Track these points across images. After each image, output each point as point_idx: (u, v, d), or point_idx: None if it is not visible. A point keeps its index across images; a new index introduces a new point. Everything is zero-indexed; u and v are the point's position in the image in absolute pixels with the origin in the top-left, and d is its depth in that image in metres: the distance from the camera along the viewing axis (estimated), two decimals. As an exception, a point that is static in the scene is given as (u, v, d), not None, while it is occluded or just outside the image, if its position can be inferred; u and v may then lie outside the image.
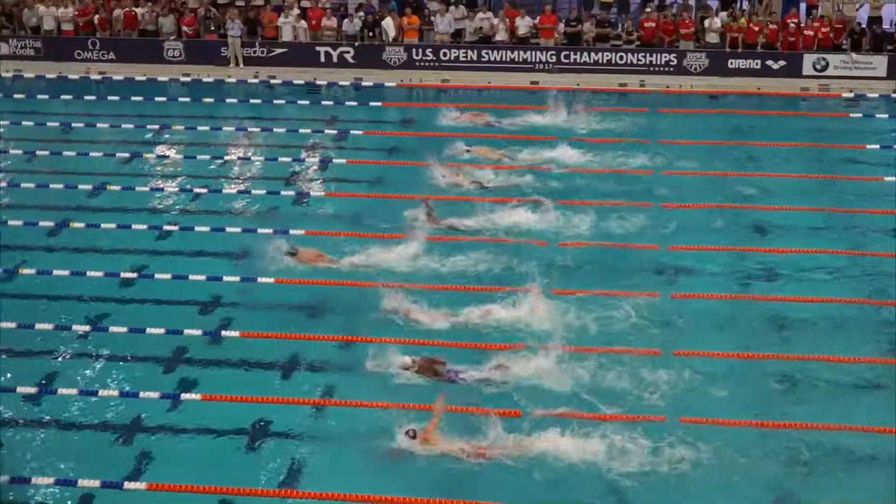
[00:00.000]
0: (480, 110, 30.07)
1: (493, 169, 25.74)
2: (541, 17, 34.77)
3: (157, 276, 20.96)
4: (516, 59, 34.24)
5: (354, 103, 31.75)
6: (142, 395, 17.11)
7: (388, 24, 34.71)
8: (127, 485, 14.97)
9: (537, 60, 34.20)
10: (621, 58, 34.15)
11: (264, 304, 20.07)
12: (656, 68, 34.02)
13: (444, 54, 34.33)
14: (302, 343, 18.57)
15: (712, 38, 34.45)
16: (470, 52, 34.30)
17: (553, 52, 34.18)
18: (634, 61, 34.16)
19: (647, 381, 17.18)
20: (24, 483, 15.06)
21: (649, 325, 18.94)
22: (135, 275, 21.04)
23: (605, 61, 34.19)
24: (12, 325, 19.24)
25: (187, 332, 18.92)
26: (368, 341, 18.20)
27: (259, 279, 20.78)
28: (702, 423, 16.18)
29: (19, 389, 17.30)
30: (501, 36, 34.68)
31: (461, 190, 24.95)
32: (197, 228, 22.93)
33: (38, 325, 19.16)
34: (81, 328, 19.14)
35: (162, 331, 18.93)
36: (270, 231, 22.83)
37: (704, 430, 15.99)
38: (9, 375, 17.79)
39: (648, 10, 35.46)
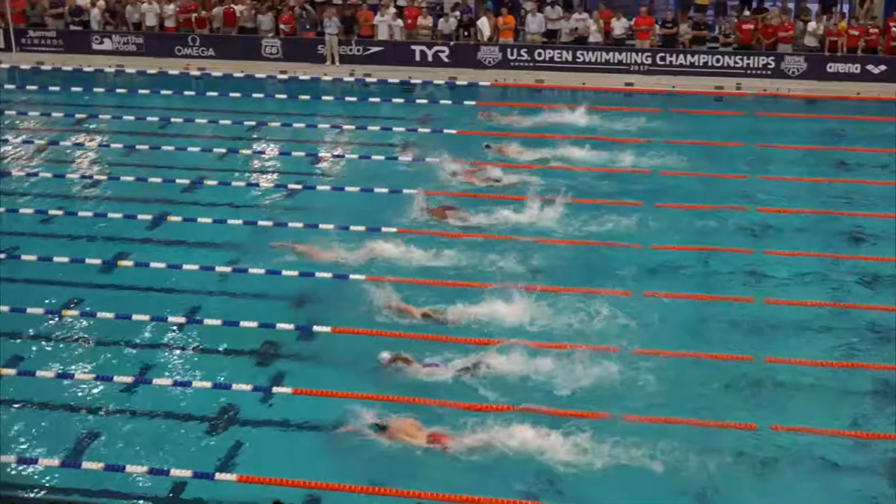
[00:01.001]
0: (508, 109, 30.47)
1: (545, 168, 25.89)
2: (636, 18, 34.59)
3: (251, 270, 21.23)
4: (611, 61, 34.10)
5: (448, 102, 31.83)
6: (234, 386, 17.35)
7: (484, 23, 34.77)
8: (218, 475, 15.20)
9: (632, 62, 34.04)
10: (718, 60, 33.83)
11: (354, 299, 20.29)
12: (753, 71, 33.65)
13: (539, 54, 34.31)
14: (389, 340, 18.70)
15: (811, 41, 34.00)
16: (565, 53, 34.23)
17: (648, 54, 33.98)
18: (731, 64, 33.81)
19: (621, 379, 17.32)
20: (118, 471, 15.38)
21: (739, 330, 18.86)
22: (229, 269, 21.35)
23: (700, 63, 33.90)
24: (110, 315, 19.67)
25: (280, 325, 19.17)
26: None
27: (350, 276, 20.98)
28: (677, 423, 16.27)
29: (116, 378, 17.67)
30: (596, 37, 34.55)
31: (473, 187, 25.20)
32: (290, 225, 23.18)
33: (136, 316, 19.55)
34: (177, 319, 19.49)
35: (255, 324, 19.21)
36: (363, 228, 23.06)
37: (677, 430, 16.06)
38: (106, 365, 18.18)
39: (746, 12, 35.11)
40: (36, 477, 15.38)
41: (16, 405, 17.09)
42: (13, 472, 15.47)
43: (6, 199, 24.93)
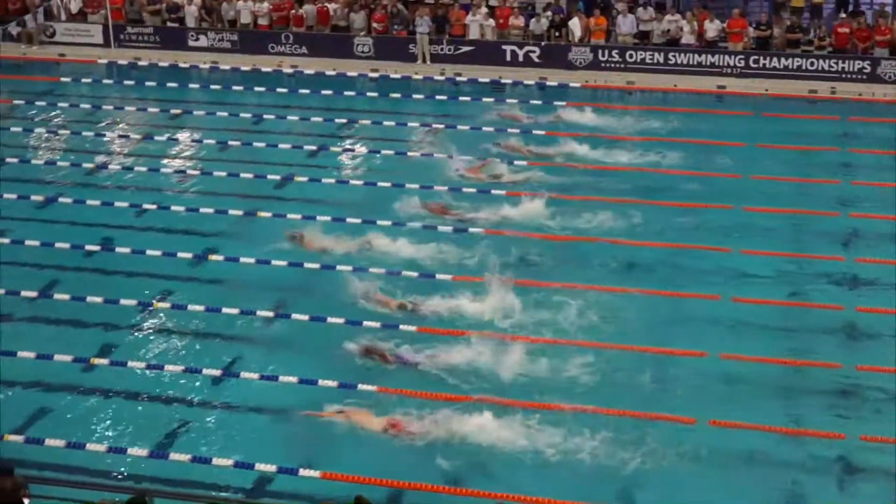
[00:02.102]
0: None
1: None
2: (729, 20, 34.22)
3: (338, 267, 21.42)
4: (703, 63, 33.76)
5: (538, 102, 31.77)
6: (320, 382, 17.55)
7: (575, 24, 34.66)
8: (302, 471, 15.39)
9: (725, 64, 33.67)
10: (812, 63, 33.35)
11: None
12: (849, 75, 33.11)
13: (630, 56, 34.11)
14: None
15: (909, 45, 33.42)
16: (656, 55, 33.99)
17: (741, 57, 33.62)
18: (826, 68, 33.31)
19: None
20: (205, 463, 15.63)
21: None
22: (317, 266, 21.55)
23: (794, 67, 33.44)
24: (200, 308, 19.99)
25: (366, 323, 19.32)
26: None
27: (437, 276, 21.09)
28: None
29: (205, 371, 17.96)
30: (689, 39, 34.28)
31: (474, 182, 25.55)
32: (379, 223, 23.34)
33: (225, 310, 19.85)
34: (265, 314, 19.74)
35: (341, 321, 19.38)
36: (450, 229, 23.17)
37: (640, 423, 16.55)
38: (196, 357, 18.48)
39: (842, 15, 34.60)
40: (124, 467, 15.71)
41: (108, 395, 17.46)
42: (104, 462, 15.82)
43: (103, 193, 25.43)
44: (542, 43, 34.79)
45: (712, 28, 34.17)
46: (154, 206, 24.46)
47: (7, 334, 19.38)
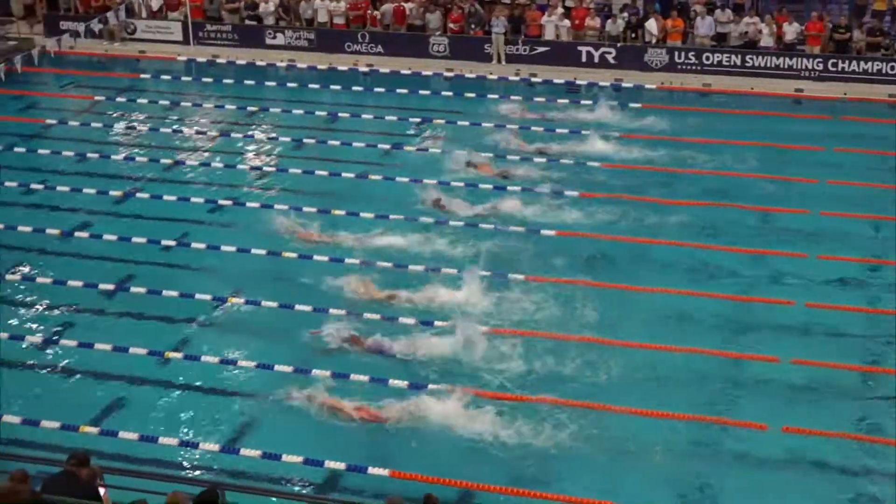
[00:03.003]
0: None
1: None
2: (808, 23, 33.82)
3: (410, 267, 21.52)
4: (781, 66, 33.40)
5: (614, 104, 31.66)
6: (390, 382, 17.65)
7: (652, 25, 34.46)
8: (371, 469, 15.50)
9: (803, 67, 33.29)
10: (893, 68, 32.83)
11: (517, 300, 20.48)
12: (931, 79, 32.61)
13: (707, 58, 33.82)
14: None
15: None
16: (734, 57, 33.67)
17: (820, 60, 33.21)
18: (907, 71, 32.84)
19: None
20: (274, 459, 15.80)
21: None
22: (390, 265, 21.66)
23: (875, 70, 32.95)
24: (274, 304, 20.19)
25: (437, 323, 19.40)
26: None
27: (510, 276, 21.13)
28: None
29: (276, 368, 18.13)
30: (767, 41, 33.92)
31: (482, 178, 25.90)
32: (451, 223, 23.41)
33: (298, 307, 20.02)
34: (337, 312, 19.87)
35: (413, 321, 19.48)
36: (523, 230, 23.19)
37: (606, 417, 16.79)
38: (268, 353, 18.67)
39: (926, 18, 34.11)
40: (196, 460, 15.93)
41: (182, 389, 17.70)
42: (176, 455, 16.05)
43: (179, 188, 25.76)
44: (618, 44, 34.63)
45: (791, 30, 33.79)
46: (229, 203, 24.72)
47: (84, 326, 19.72)
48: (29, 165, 27.59)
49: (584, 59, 34.55)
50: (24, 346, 19.11)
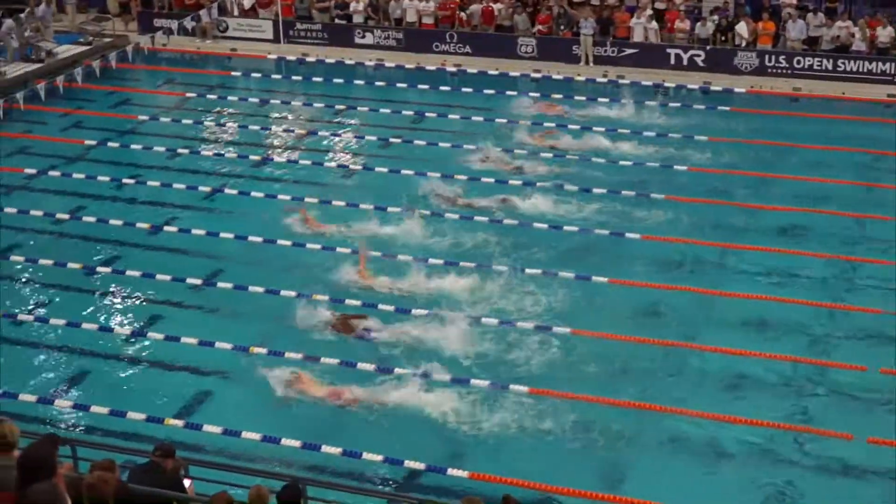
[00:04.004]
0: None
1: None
2: (904, 27, 33.29)
3: (494, 266, 21.56)
4: (874, 70, 32.87)
5: (702, 107, 31.42)
6: (472, 382, 17.71)
7: (742, 28, 34.10)
8: (450, 470, 15.57)
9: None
10: None
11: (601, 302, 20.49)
12: None
13: (798, 62, 33.40)
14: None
15: None
16: (825, 61, 33.22)
17: (914, 64, 32.69)
18: None
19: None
20: (355, 457, 15.93)
21: None
22: (473, 265, 21.72)
23: (972, 75, 32.36)
24: (357, 302, 20.35)
25: (519, 324, 19.44)
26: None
27: (593, 278, 21.09)
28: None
29: (359, 366, 18.26)
30: (859, 45, 33.41)
31: (495, 172, 26.29)
32: (535, 225, 23.42)
33: (381, 306, 20.15)
34: (419, 312, 19.96)
35: (495, 321, 19.53)
36: (606, 232, 23.13)
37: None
38: (353, 352, 18.79)
39: None
40: (279, 455, 16.11)
41: (265, 385, 17.85)
42: (258, 450, 16.26)
43: (265, 185, 26.04)
44: (708, 47, 34.33)
45: (884, 34, 33.23)
46: (315, 200, 24.91)
47: (172, 320, 20.04)
48: (121, 160, 28.13)
49: (672, 61, 34.30)
50: (113, 337, 19.47)
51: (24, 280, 21.88)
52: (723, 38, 34.68)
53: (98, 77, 33.55)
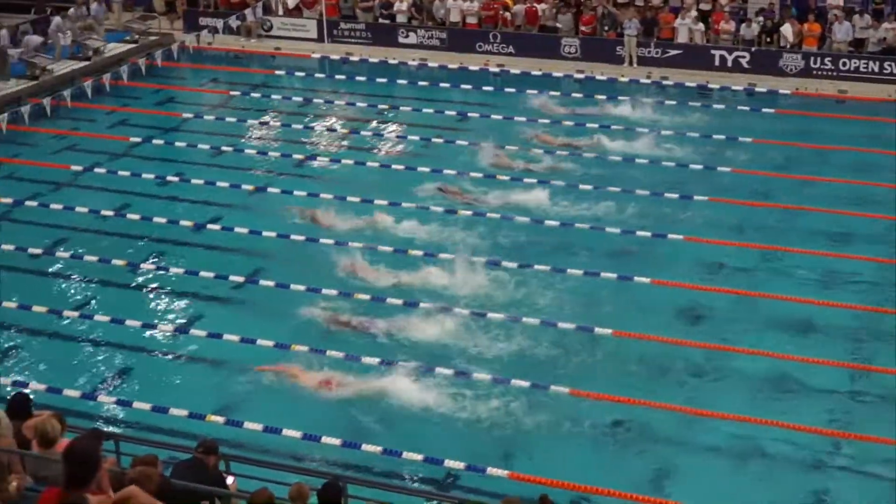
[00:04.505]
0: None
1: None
2: (952, 28, 32.96)
3: (536, 266, 21.55)
4: (921, 73, 32.61)
5: (746, 108, 31.24)
6: (512, 381, 17.71)
7: (787, 30, 33.86)
8: (490, 470, 15.57)
9: (944, 75, 32.45)
10: None
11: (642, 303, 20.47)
12: None
13: (844, 64, 33.15)
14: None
15: None
16: (871, 63, 32.95)
17: (963, 66, 32.34)
18: None
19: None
20: (394, 455, 15.98)
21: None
22: (514, 265, 21.71)
23: None
24: (398, 301, 20.38)
25: (560, 325, 19.42)
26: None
27: (635, 278, 21.06)
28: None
29: (399, 364, 18.29)
30: (907, 47, 33.14)
31: (500, 169, 26.51)
32: (577, 225, 23.38)
33: (423, 304, 20.17)
34: (461, 311, 19.98)
35: (537, 321, 19.52)
36: (648, 234, 23.07)
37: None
38: (392, 351, 18.85)
39: None
40: (318, 453, 16.17)
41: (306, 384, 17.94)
42: (298, 447, 16.33)
43: (309, 183, 26.13)
44: (753, 48, 34.13)
45: (933, 36, 32.96)
46: (357, 200, 24.97)
47: (214, 317, 20.16)
48: (165, 157, 28.35)
49: (717, 62, 34.12)
50: (156, 334, 19.62)
51: (69, 276, 22.07)
52: (768, 40, 34.47)
53: (144, 75, 33.86)
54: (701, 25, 34.66)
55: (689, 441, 16.52)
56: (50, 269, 22.30)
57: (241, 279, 21.42)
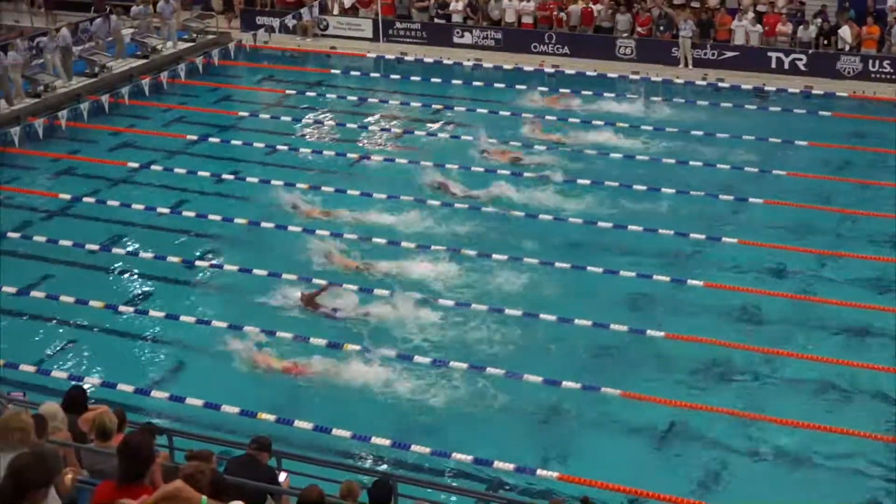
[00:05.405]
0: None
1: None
2: None
3: (589, 268, 21.51)
4: (982, 74, 32.18)
5: (802, 111, 30.99)
6: (563, 384, 17.69)
7: (845, 32, 33.54)
8: (539, 472, 15.58)
9: None
10: None
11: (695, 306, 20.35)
12: None
13: (903, 66, 32.83)
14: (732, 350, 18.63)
15: None
16: (931, 66, 32.61)
17: None
18: None
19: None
20: (444, 456, 16.01)
21: None
22: (568, 265, 21.68)
23: None
24: (451, 303, 20.41)
25: (613, 327, 19.38)
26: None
27: (688, 281, 20.96)
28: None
29: (452, 364, 18.33)
30: (968, 49, 32.73)
31: (493, 164, 26.99)
32: (630, 227, 23.30)
33: (475, 306, 20.21)
34: (514, 313, 19.98)
35: (589, 323, 19.49)
36: (702, 236, 22.94)
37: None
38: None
39: None
40: (372, 453, 16.25)
41: (359, 384, 17.97)
42: (349, 446, 16.41)
43: (361, 183, 26.18)
44: (810, 51, 33.83)
45: None
46: (410, 199, 25.03)
47: (267, 316, 20.25)
48: (221, 155, 28.59)
49: (773, 65, 33.87)
50: (210, 331, 19.76)
51: (125, 272, 22.31)
52: (825, 42, 34.14)
53: (201, 73, 34.15)
54: (759, 27, 34.42)
55: (740, 445, 16.41)
56: (106, 265, 22.55)
57: (294, 277, 21.50)
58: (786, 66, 33.83)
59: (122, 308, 20.70)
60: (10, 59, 30.78)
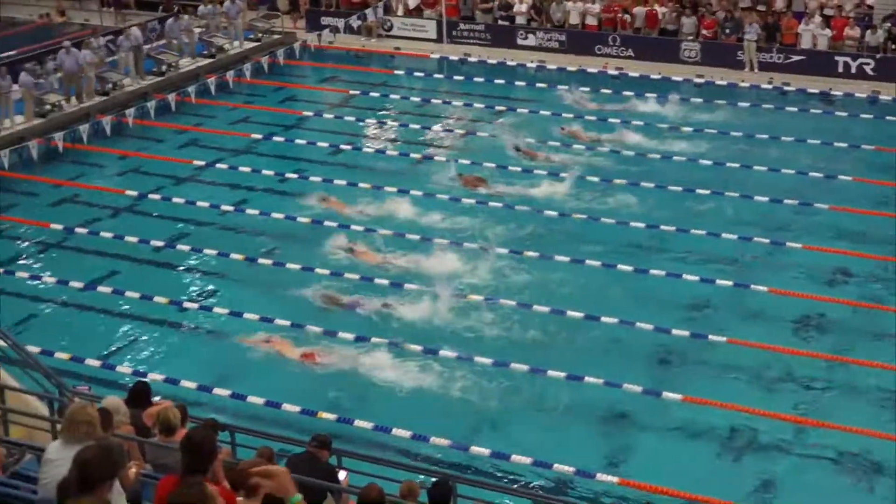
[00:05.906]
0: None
1: None
2: None
3: (651, 272, 21.44)
4: None
5: (869, 117, 30.64)
6: (624, 387, 17.64)
7: (915, 36, 33.15)
8: (599, 475, 15.54)
9: None
10: None
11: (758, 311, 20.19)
12: None
13: (973, 72, 32.32)
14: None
15: None
16: None
17: None
18: None
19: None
20: (503, 458, 16.02)
21: None
22: (630, 268, 21.62)
23: None
24: (513, 303, 20.41)
25: (675, 332, 19.28)
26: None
27: (752, 286, 20.81)
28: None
29: (513, 366, 18.33)
30: None
31: (526, 163, 27.01)
32: (693, 231, 23.16)
33: (537, 307, 20.18)
34: (575, 314, 19.96)
35: (650, 327, 19.42)
36: (766, 241, 22.76)
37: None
38: (510, 353, 18.84)
39: None
40: (431, 453, 16.28)
41: (418, 384, 18.01)
42: (408, 446, 16.47)
43: (427, 184, 26.20)
44: (878, 55, 33.41)
45: None
46: (472, 202, 25.03)
47: (331, 316, 20.33)
48: (285, 154, 28.79)
49: (840, 69, 33.48)
50: (271, 329, 19.88)
51: (189, 269, 22.56)
52: (893, 47, 33.71)
53: (266, 73, 34.42)
54: (827, 31, 34.02)
55: (801, 452, 16.31)
56: (171, 262, 22.80)
57: (356, 276, 21.59)
58: (853, 71, 33.43)
59: (186, 304, 20.92)
60: (87, 57, 31.23)
